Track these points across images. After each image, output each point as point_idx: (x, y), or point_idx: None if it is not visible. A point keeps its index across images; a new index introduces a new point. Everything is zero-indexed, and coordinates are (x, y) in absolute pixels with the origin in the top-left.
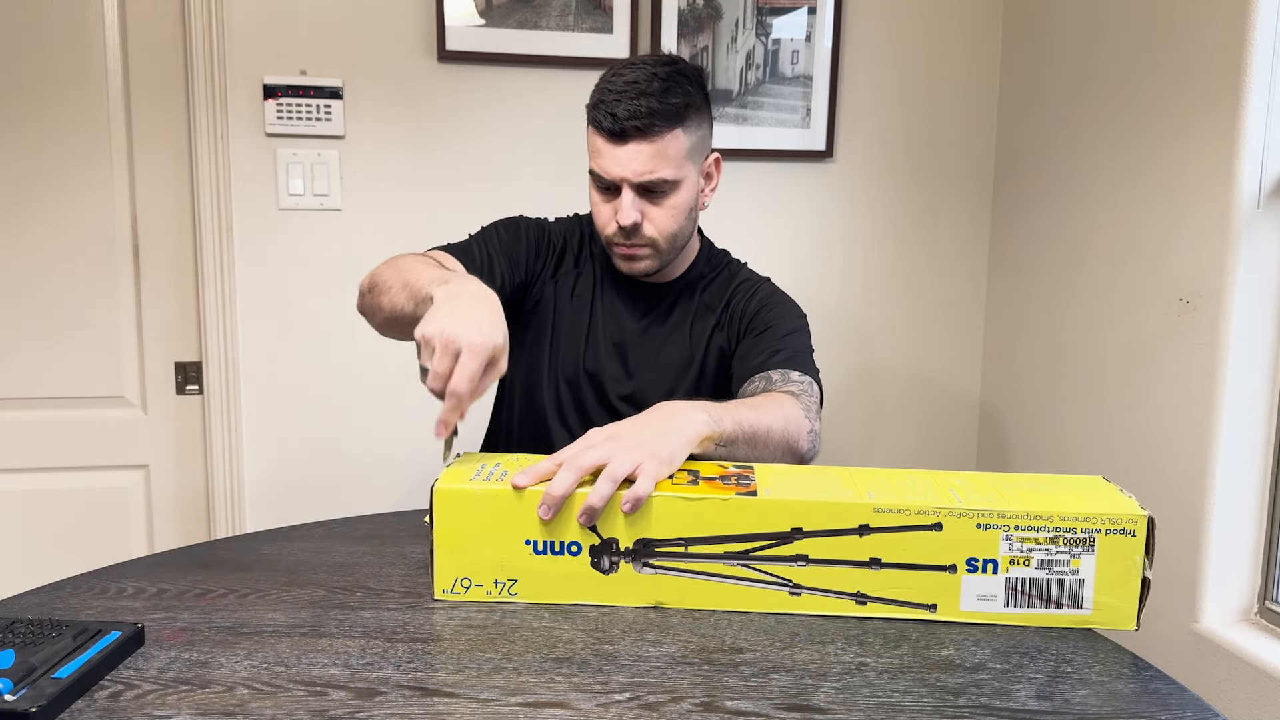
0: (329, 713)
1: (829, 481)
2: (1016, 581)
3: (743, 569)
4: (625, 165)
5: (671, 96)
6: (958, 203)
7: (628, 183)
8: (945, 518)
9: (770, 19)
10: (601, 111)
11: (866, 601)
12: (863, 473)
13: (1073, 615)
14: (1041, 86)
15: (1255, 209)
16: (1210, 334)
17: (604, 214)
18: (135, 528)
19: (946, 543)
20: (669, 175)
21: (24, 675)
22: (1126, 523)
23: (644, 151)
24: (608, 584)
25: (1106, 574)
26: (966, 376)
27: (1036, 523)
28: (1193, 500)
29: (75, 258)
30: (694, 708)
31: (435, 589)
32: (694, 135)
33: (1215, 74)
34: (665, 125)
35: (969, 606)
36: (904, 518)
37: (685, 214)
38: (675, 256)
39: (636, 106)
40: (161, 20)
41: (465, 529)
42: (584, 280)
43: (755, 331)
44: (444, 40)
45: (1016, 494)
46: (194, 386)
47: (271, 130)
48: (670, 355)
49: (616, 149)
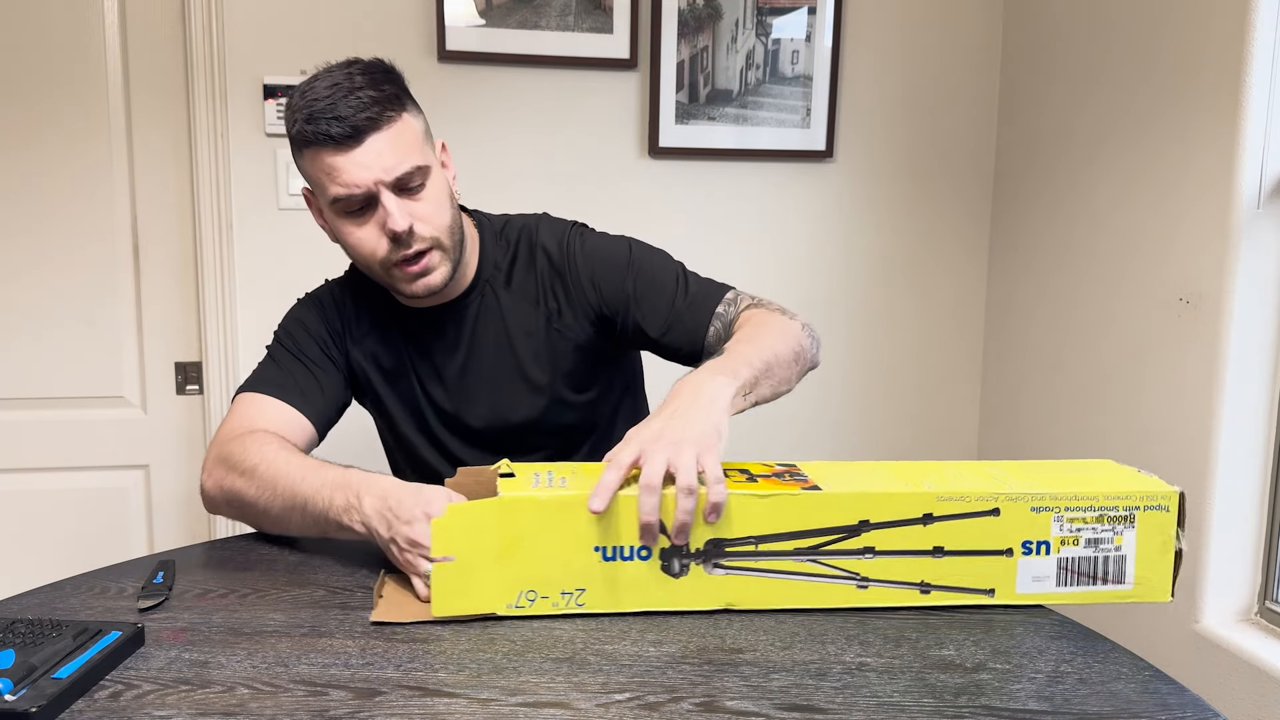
0: (329, 713)
1: (883, 474)
2: (1067, 561)
3: (811, 564)
4: (373, 165)
5: (382, 84)
6: (958, 203)
7: (383, 184)
8: (1003, 503)
9: (770, 19)
10: (320, 123)
11: (930, 590)
12: (906, 465)
13: (1116, 591)
14: (1041, 86)
15: (1255, 209)
16: (1210, 334)
17: (369, 239)
18: (135, 528)
19: (1003, 527)
20: (419, 161)
21: (24, 675)
22: (1162, 499)
23: (385, 145)
24: (677, 588)
25: (1145, 549)
26: (966, 376)
27: (1084, 503)
28: (1193, 500)
29: (75, 257)
30: (694, 708)
31: (496, 604)
32: (420, 119)
33: (1215, 74)
34: (394, 111)
35: (1024, 589)
36: (965, 504)
37: (449, 202)
38: (460, 254)
39: (358, 101)
40: (161, 20)
41: (531, 539)
42: (383, 345)
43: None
44: (444, 40)
45: (1058, 477)
46: (194, 386)
47: (272, 130)
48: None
49: (355, 154)
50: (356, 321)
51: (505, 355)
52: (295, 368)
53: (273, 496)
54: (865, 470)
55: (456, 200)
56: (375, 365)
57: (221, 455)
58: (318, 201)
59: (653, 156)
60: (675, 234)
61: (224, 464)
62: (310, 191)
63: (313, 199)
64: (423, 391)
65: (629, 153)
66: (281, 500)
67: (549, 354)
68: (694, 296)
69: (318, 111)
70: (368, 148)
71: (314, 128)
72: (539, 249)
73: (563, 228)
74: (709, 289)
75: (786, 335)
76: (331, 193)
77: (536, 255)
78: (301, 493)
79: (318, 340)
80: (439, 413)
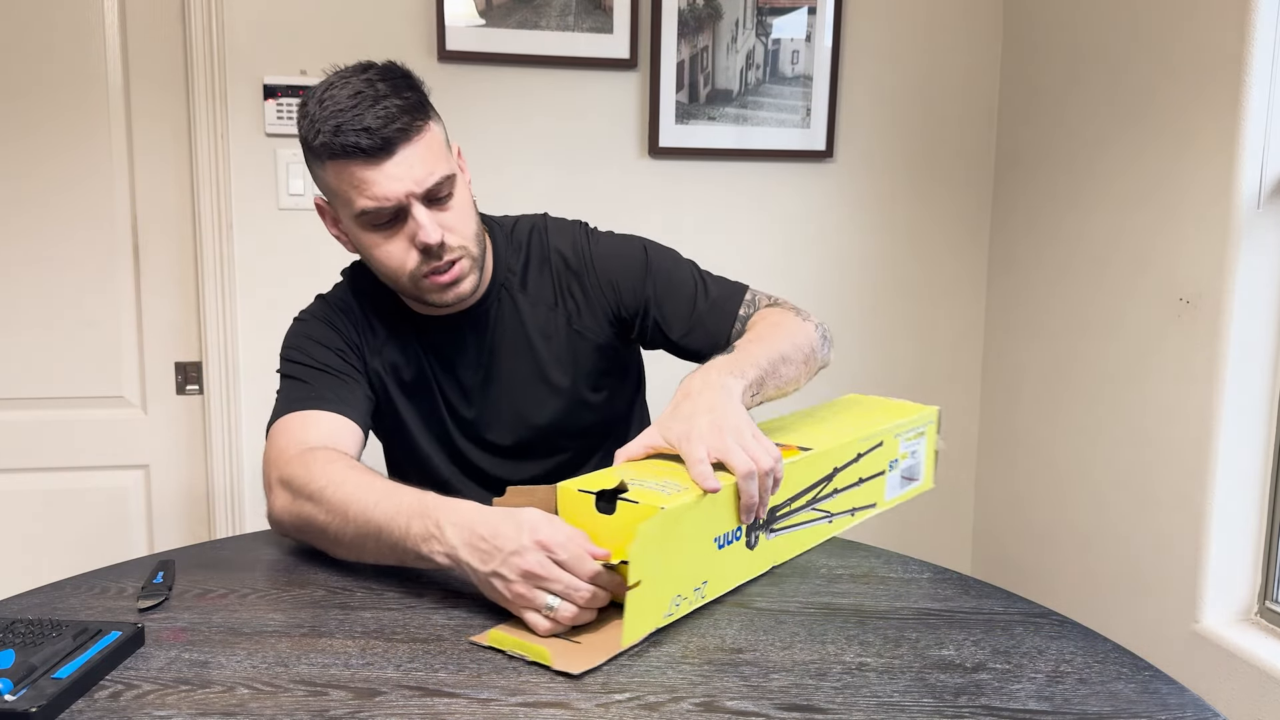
0: (329, 713)
1: (823, 426)
2: (903, 469)
3: (810, 513)
4: (404, 178)
5: (405, 92)
6: (958, 203)
7: (414, 196)
8: (886, 437)
9: (770, 19)
10: (347, 135)
11: (855, 512)
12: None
13: (916, 487)
14: (1041, 87)
15: (1255, 209)
16: (1210, 334)
17: (395, 254)
18: (135, 528)
19: (884, 454)
20: (447, 171)
21: (24, 675)
22: (933, 415)
23: (415, 156)
24: (752, 559)
25: (927, 453)
26: (966, 376)
27: (909, 426)
28: (1193, 500)
29: (75, 258)
30: (694, 708)
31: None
32: (441, 125)
33: (1215, 74)
34: (421, 120)
35: (889, 496)
36: (869, 443)
37: (474, 208)
38: (484, 258)
39: (385, 112)
40: (161, 20)
41: (678, 543)
42: (402, 356)
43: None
44: (444, 40)
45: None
46: (194, 386)
47: (271, 130)
48: (527, 374)
49: (385, 166)
50: (372, 333)
51: (526, 359)
52: (321, 380)
53: (344, 523)
54: (806, 425)
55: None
56: (395, 377)
57: (283, 478)
58: (333, 211)
59: (653, 156)
60: (675, 234)
61: (288, 488)
62: (325, 201)
63: (327, 209)
64: (444, 402)
65: (629, 153)
66: (354, 527)
67: (570, 355)
68: (715, 299)
69: (344, 123)
70: (398, 160)
71: (342, 140)
72: (552, 250)
73: (573, 228)
74: (728, 290)
75: (797, 336)
76: (359, 206)
77: (550, 256)
78: (375, 519)
79: (337, 353)
80: (460, 422)
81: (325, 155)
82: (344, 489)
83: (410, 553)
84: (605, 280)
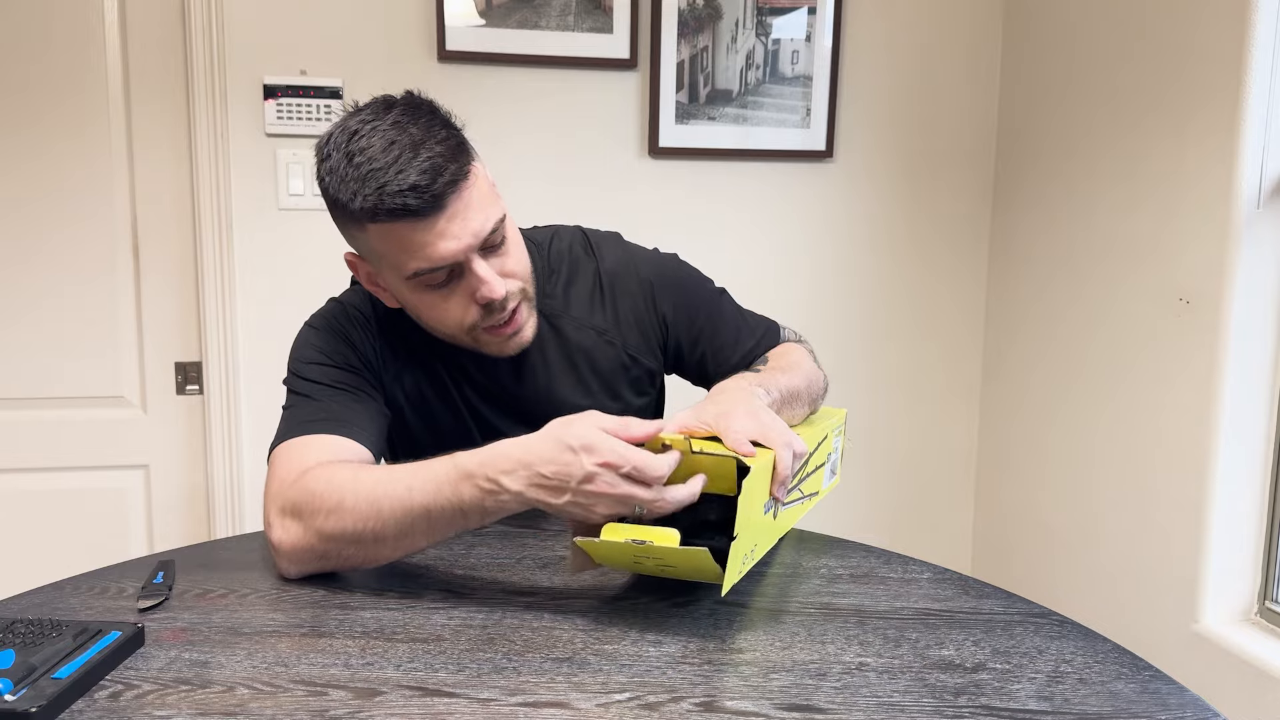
0: (329, 713)
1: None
2: (830, 463)
3: (795, 492)
4: (462, 234)
5: (439, 132)
6: (958, 202)
7: (473, 250)
8: (830, 435)
9: (770, 19)
10: (393, 197)
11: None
12: None
13: (834, 481)
14: (1041, 86)
15: (1255, 209)
16: (1210, 334)
17: (455, 310)
18: (135, 528)
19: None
20: (499, 214)
21: (24, 675)
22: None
23: (467, 206)
24: (774, 527)
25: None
26: (966, 376)
27: (837, 425)
28: (1193, 500)
29: (75, 258)
30: (694, 708)
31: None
32: (479, 159)
33: (1215, 74)
34: (465, 163)
35: (825, 486)
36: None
37: (523, 242)
38: None
39: (430, 164)
40: (161, 20)
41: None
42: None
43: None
44: (444, 40)
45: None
46: (194, 386)
47: (271, 130)
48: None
49: (439, 223)
50: (392, 353)
51: (567, 378)
52: (331, 399)
53: (381, 523)
54: None
55: None
56: (415, 400)
57: (287, 507)
58: (367, 266)
59: (653, 156)
60: (675, 234)
61: (296, 515)
62: (358, 257)
63: (360, 264)
64: (474, 424)
65: (629, 153)
66: (395, 521)
67: (608, 372)
68: (760, 339)
69: (387, 181)
70: (451, 214)
71: (388, 201)
72: (602, 271)
73: (617, 244)
74: (770, 331)
75: (813, 379)
76: (411, 268)
77: (600, 278)
78: (416, 504)
79: (350, 369)
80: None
81: (367, 219)
82: (362, 490)
83: (473, 517)
84: (659, 308)
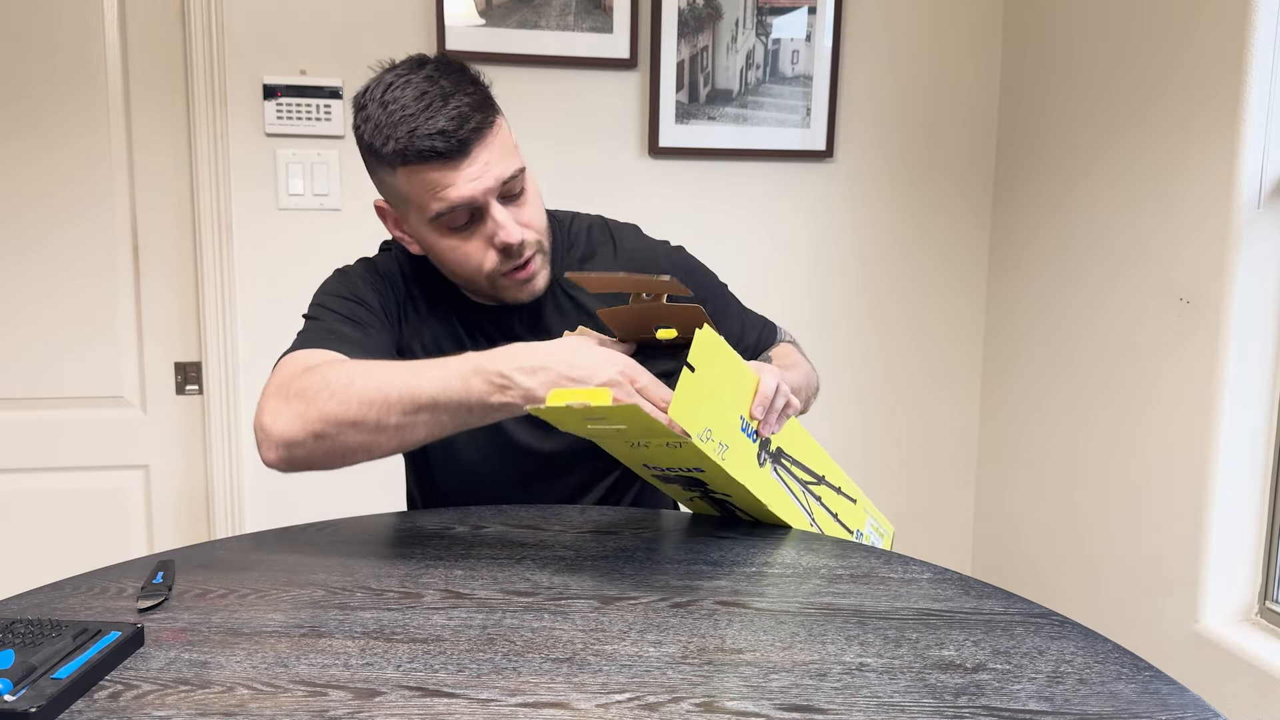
0: (329, 713)
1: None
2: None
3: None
4: (482, 178)
5: (468, 87)
6: (958, 203)
7: (492, 194)
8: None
9: (770, 19)
10: (422, 139)
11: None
12: None
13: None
14: (1042, 86)
15: (1255, 209)
16: (1210, 334)
17: (475, 253)
18: (135, 528)
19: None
20: (519, 165)
21: (24, 675)
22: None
23: (491, 153)
24: (758, 477)
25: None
26: (966, 376)
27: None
28: (1193, 500)
29: (75, 258)
30: (694, 708)
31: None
32: (503, 116)
33: (1215, 74)
34: (491, 115)
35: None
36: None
37: (542, 200)
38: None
39: (458, 111)
40: (161, 20)
41: (714, 380)
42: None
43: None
44: (444, 40)
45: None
46: (194, 386)
47: (271, 130)
48: None
49: (462, 168)
50: (414, 309)
51: None
52: (346, 325)
53: (384, 410)
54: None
55: None
56: (437, 353)
57: (291, 393)
58: (396, 213)
59: (653, 156)
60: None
61: (300, 398)
62: (386, 204)
63: (389, 211)
64: None
65: (629, 153)
66: (400, 409)
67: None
68: (761, 338)
69: (417, 126)
70: (475, 160)
71: (416, 142)
72: (621, 248)
73: (637, 233)
74: (769, 329)
75: (810, 379)
76: (434, 209)
77: (599, 250)
78: (424, 393)
79: (368, 307)
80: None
81: (398, 161)
82: (373, 377)
83: (476, 413)
84: None
